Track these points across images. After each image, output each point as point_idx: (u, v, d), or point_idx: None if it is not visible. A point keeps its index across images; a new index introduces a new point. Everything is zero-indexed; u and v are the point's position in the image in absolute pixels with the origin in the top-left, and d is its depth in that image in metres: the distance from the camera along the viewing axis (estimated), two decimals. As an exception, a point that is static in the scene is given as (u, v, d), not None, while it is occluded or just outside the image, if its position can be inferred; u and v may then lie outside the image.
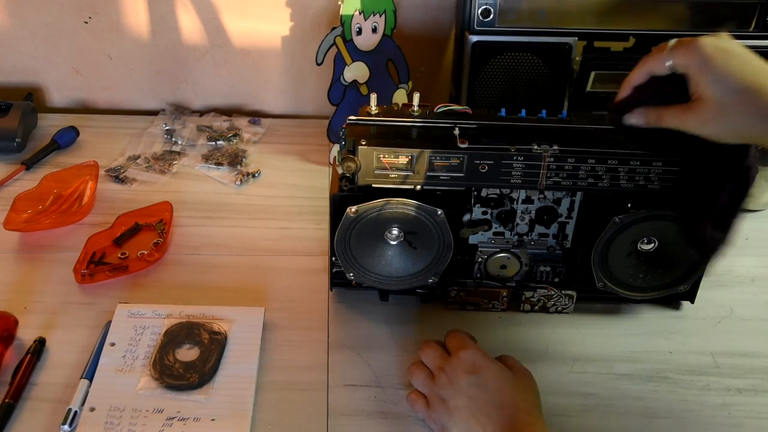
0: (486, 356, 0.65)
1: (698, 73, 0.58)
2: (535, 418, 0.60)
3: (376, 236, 0.72)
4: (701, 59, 0.57)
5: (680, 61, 0.59)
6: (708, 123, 0.58)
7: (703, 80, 0.57)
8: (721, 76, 0.56)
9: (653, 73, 0.61)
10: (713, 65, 0.57)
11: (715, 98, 0.57)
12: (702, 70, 0.57)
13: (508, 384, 0.62)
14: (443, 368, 0.64)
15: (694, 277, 0.75)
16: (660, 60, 0.60)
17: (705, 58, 0.57)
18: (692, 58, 0.58)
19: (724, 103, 0.57)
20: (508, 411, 0.60)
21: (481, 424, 0.60)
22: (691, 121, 0.59)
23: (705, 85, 0.57)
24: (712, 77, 0.57)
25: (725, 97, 0.56)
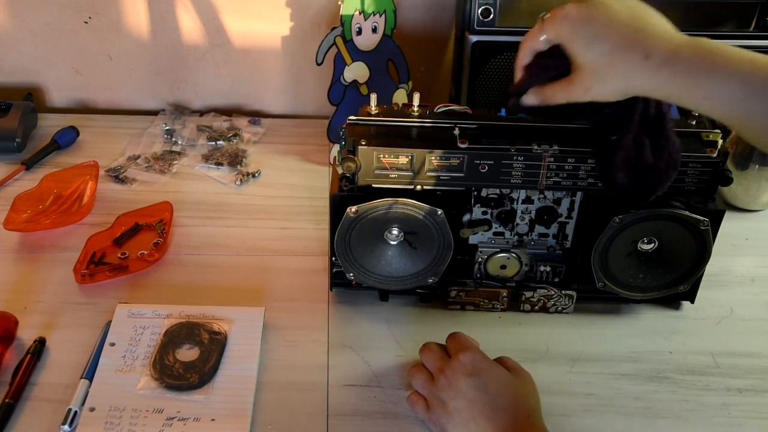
0: (486, 359, 0.65)
1: (569, 42, 0.58)
2: (535, 421, 0.60)
3: (376, 236, 0.72)
4: (569, 28, 0.58)
5: (552, 33, 0.60)
6: (591, 89, 0.59)
7: (575, 48, 0.58)
8: (588, 41, 0.57)
9: (536, 50, 0.62)
10: (580, 32, 0.57)
11: (589, 64, 0.58)
12: (572, 39, 0.58)
13: (508, 387, 0.62)
14: (443, 370, 0.64)
15: (694, 277, 0.75)
16: (536, 36, 0.61)
17: (572, 26, 0.58)
18: (561, 29, 0.59)
19: (598, 66, 0.57)
20: (507, 414, 0.60)
21: (480, 427, 0.60)
22: (576, 91, 0.60)
23: (578, 53, 0.58)
24: (582, 44, 0.58)
25: (598, 60, 0.57)
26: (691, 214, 0.70)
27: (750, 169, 0.92)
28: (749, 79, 0.53)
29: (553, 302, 0.78)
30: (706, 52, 0.55)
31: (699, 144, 0.70)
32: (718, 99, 0.54)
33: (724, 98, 0.54)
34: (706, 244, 0.72)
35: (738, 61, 0.54)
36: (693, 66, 0.54)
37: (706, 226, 0.71)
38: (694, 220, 0.70)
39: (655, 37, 0.56)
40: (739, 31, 0.92)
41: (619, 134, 0.63)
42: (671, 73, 0.55)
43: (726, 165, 0.70)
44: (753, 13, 0.92)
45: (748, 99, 0.53)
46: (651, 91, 0.57)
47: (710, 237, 0.71)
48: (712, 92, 0.54)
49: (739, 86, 0.53)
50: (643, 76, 0.56)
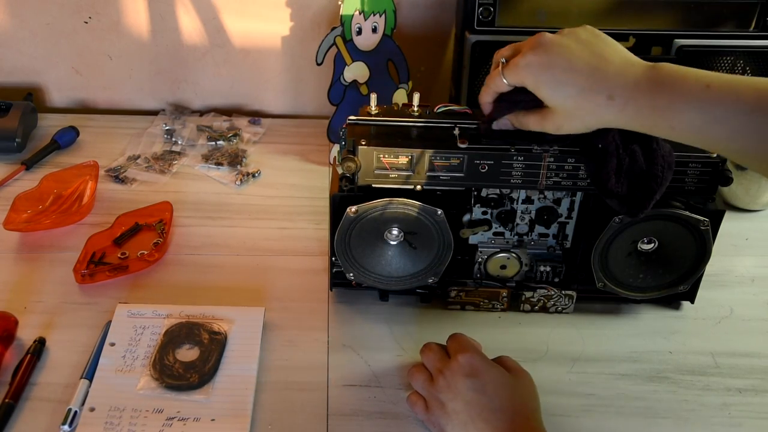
0: (485, 360, 0.65)
1: (534, 89, 0.61)
2: (534, 422, 0.60)
3: (376, 236, 0.72)
4: (531, 76, 0.61)
5: (514, 80, 0.62)
6: (563, 127, 0.62)
7: (540, 93, 0.61)
8: (553, 88, 0.60)
9: (499, 92, 0.65)
10: (542, 79, 0.60)
11: (557, 107, 0.61)
12: (536, 86, 0.61)
13: (507, 388, 0.62)
14: (442, 371, 0.64)
15: (694, 277, 0.75)
16: (499, 81, 0.63)
17: (533, 74, 0.60)
18: (523, 77, 0.61)
19: (566, 108, 0.60)
20: (506, 415, 0.60)
21: (478, 428, 0.60)
22: (549, 126, 0.63)
23: (544, 97, 0.61)
24: (547, 90, 0.60)
25: (564, 103, 0.60)
26: (691, 214, 0.70)
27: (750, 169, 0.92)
28: (705, 107, 0.55)
29: (553, 302, 0.78)
30: (665, 83, 0.56)
31: (699, 144, 0.70)
32: (681, 129, 0.57)
33: (686, 128, 0.56)
34: (706, 244, 0.72)
35: (693, 90, 0.55)
36: (654, 100, 0.57)
37: (706, 226, 0.71)
38: (694, 220, 0.70)
39: (616, 76, 0.58)
40: (739, 31, 0.92)
41: (602, 141, 0.64)
42: (635, 109, 0.57)
43: (726, 165, 0.70)
44: (753, 13, 0.92)
45: (708, 126, 0.55)
46: (620, 125, 0.60)
47: (710, 237, 0.71)
48: (674, 123, 0.56)
49: (696, 115, 0.55)
50: (610, 115, 0.59)
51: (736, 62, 0.91)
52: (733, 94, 0.54)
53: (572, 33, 0.61)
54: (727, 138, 0.55)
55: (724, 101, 0.54)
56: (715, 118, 0.55)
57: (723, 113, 0.54)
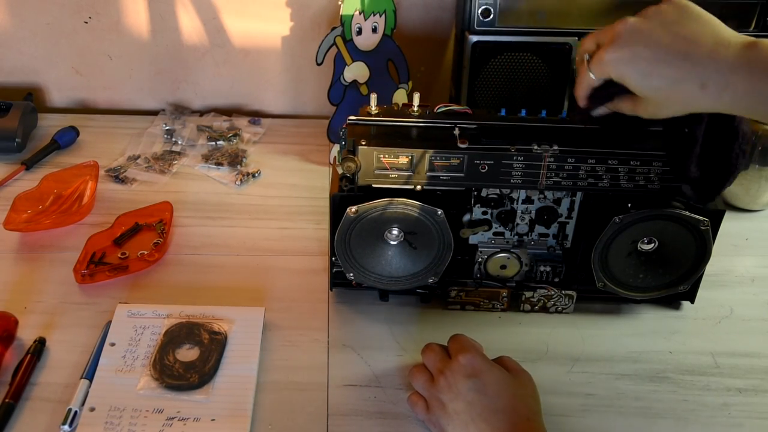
0: (486, 360, 0.65)
1: (623, 80, 0.59)
2: (535, 423, 0.60)
3: (376, 236, 0.72)
4: (616, 71, 0.59)
5: (601, 74, 0.60)
6: (656, 113, 0.60)
7: (630, 85, 0.59)
8: (641, 80, 0.58)
9: (593, 87, 0.63)
10: (629, 72, 0.58)
11: (648, 96, 0.59)
12: (623, 78, 0.59)
13: (508, 388, 0.62)
14: (443, 372, 0.64)
15: (694, 277, 0.75)
16: (587, 78, 0.62)
17: (618, 68, 0.58)
18: (609, 71, 0.59)
19: (657, 98, 0.58)
20: (506, 416, 0.60)
21: (479, 429, 0.59)
22: (642, 112, 0.61)
23: (634, 88, 0.59)
24: (635, 82, 0.58)
25: (655, 94, 0.58)
26: (691, 214, 0.70)
27: (750, 169, 0.92)
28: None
29: (553, 302, 0.78)
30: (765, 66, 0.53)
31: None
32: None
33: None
34: (706, 244, 0.72)
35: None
36: (753, 85, 0.53)
37: (706, 226, 0.71)
38: (694, 220, 0.70)
39: (708, 61, 0.54)
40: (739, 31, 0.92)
41: (692, 126, 0.62)
42: (732, 96, 0.54)
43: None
44: (753, 13, 0.92)
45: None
46: (716, 110, 0.57)
47: (710, 237, 0.71)
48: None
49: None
50: (704, 103, 0.56)
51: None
52: None
53: (657, 13, 0.57)
54: None
55: None
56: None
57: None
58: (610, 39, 0.58)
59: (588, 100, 0.65)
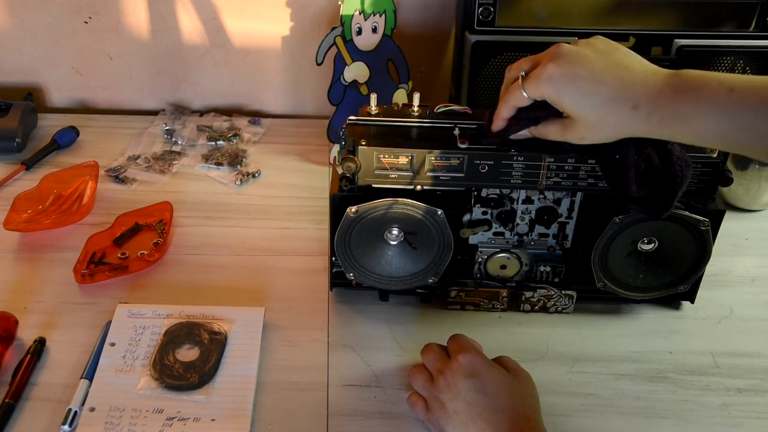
0: (485, 360, 0.65)
1: (557, 102, 0.60)
2: (534, 423, 0.60)
3: (376, 236, 0.72)
4: (553, 89, 0.59)
5: (535, 93, 0.61)
6: (585, 137, 0.61)
7: (563, 105, 0.60)
8: (576, 100, 0.59)
9: (519, 106, 0.63)
10: (565, 92, 0.59)
11: (580, 118, 0.60)
12: (558, 100, 0.60)
13: (507, 388, 0.62)
14: (443, 372, 0.64)
15: (694, 277, 0.75)
16: (519, 96, 0.62)
17: (556, 87, 0.59)
18: (545, 89, 0.60)
19: (590, 120, 0.59)
20: (506, 416, 0.60)
21: (479, 429, 0.60)
22: (571, 137, 0.62)
23: (567, 109, 0.60)
24: (570, 102, 0.59)
25: (588, 115, 0.59)
26: (691, 214, 0.70)
27: (750, 169, 0.92)
28: (730, 113, 0.55)
29: (553, 302, 0.78)
30: (688, 89, 0.56)
31: (699, 144, 0.70)
32: (707, 136, 0.56)
33: (712, 134, 0.56)
34: (706, 244, 0.72)
35: (717, 95, 0.55)
36: (678, 108, 0.56)
37: (706, 226, 0.71)
38: (694, 221, 0.70)
39: (639, 85, 0.57)
40: (739, 31, 0.92)
41: (621, 151, 0.63)
42: (660, 118, 0.57)
43: (726, 165, 0.70)
44: (753, 13, 0.92)
45: (734, 132, 0.55)
46: (644, 134, 0.59)
47: (710, 237, 0.71)
48: (700, 130, 0.56)
49: (722, 121, 0.55)
50: (635, 125, 0.58)
51: (736, 62, 0.91)
52: (757, 97, 0.54)
53: (589, 43, 0.60)
54: (755, 141, 0.55)
55: (749, 105, 0.54)
56: (741, 124, 0.54)
57: (747, 117, 0.54)
58: (549, 59, 0.60)
59: (509, 122, 0.65)
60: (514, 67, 0.64)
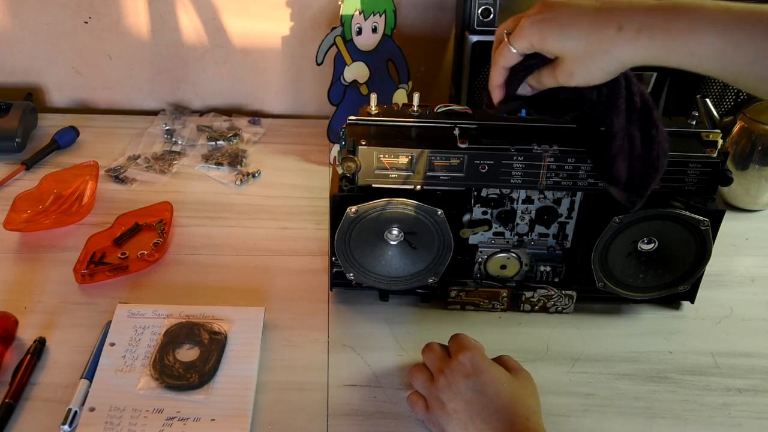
0: (485, 359, 0.65)
1: (543, 44, 0.59)
2: (534, 423, 0.60)
3: (376, 236, 0.72)
4: (537, 32, 0.59)
5: (522, 44, 0.60)
6: (574, 74, 0.59)
7: (550, 46, 0.59)
8: (560, 35, 0.58)
9: (510, 66, 0.63)
10: (549, 30, 0.58)
11: (567, 53, 0.59)
12: (543, 40, 0.59)
13: (507, 388, 0.62)
14: (443, 371, 0.64)
15: (694, 277, 0.75)
16: (508, 53, 0.61)
17: (539, 29, 0.59)
18: (530, 36, 0.59)
19: (577, 52, 0.58)
20: (506, 415, 0.60)
21: (478, 428, 0.60)
22: (561, 77, 0.60)
23: (554, 49, 0.59)
24: (555, 40, 0.58)
25: (574, 47, 0.58)
26: (691, 214, 0.70)
27: (750, 169, 0.92)
28: (726, 30, 0.53)
29: (553, 302, 0.78)
30: (680, 9, 0.54)
31: (699, 144, 0.70)
32: (700, 54, 0.54)
33: (707, 53, 0.54)
34: (706, 244, 0.72)
35: (714, 13, 0.53)
36: (669, 26, 0.54)
37: (706, 226, 0.71)
38: (694, 220, 0.70)
39: (624, 9, 0.56)
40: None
41: (608, 123, 0.63)
42: (648, 37, 0.55)
43: (726, 165, 0.70)
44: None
45: (729, 51, 0.53)
46: (634, 60, 0.57)
47: (710, 237, 0.71)
48: (694, 48, 0.54)
49: (717, 39, 0.53)
50: (622, 48, 0.56)
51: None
52: (755, 14, 0.52)
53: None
54: (749, 63, 0.53)
55: (746, 23, 0.52)
56: (737, 41, 0.52)
57: (744, 36, 0.52)
58: (531, 11, 0.60)
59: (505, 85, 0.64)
60: (501, 27, 0.63)
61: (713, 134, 0.71)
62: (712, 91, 0.98)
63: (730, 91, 0.94)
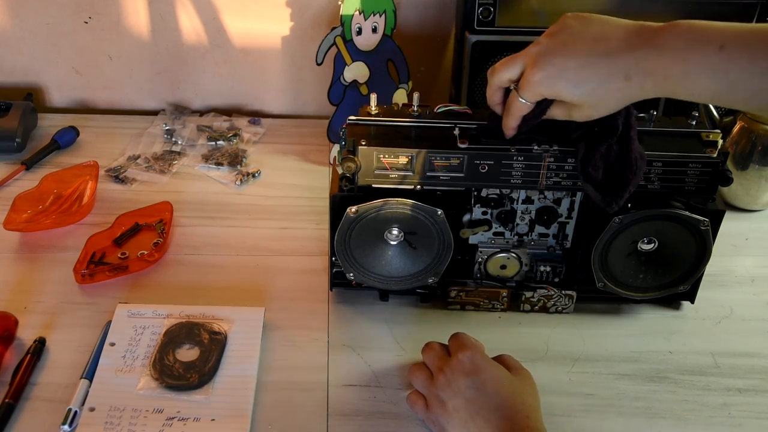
0: (485, 358, 0.65)
1: (557, 96, 0.62)
2: (534, 422, 0.60)
3: (377, 236, 0.72)
4: (547, 87, 0.61)
5: (533, 97, 0.63)
6: (592, 114, 0.62)
7: (565, 98, 0.61)
8: (571, 89, 0.60)
9: (524, 114, 0.65)
10: (559, 85, 0.60)
11: (583, 103, 0.61)
12: (557, 95, 0.61)
13: (507, 386, 0.62)
14: (443, 369, 0.64)
15: (694, 277, 0.75)
16: (520, 105, 0.64)
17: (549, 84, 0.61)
18: (540, 90, 0.61)
19: (589, 101, 0.61)
20: (506, 413, 0.60)
21: (478, 426, 0.60)
22: (578, 116, 0.63)
23: (569, 100, 0.61)
24: (568, 95, 0.61)
25: (586, 97, 0.60)
26: (691, 214, 0.70)
27: (750, 169, 0.92)
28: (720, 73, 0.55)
29: (553, 302, 0.78)
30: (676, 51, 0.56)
31: (699, 144, 0.70)
32: (701, 94, 0.57)
33: (705, 92, 0.56)
34: (706, 244, 0.72)
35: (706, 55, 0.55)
36: (668, 72, 0.56)
37: (706, 226, 0.71)
38: (694, 221, 0.70)
39: (624, 53, 0.58)
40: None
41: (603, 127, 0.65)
42: (653, 84, 0.58)
43: (726, 165, 0.70)
44: (753, 13, 0.92)
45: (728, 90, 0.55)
46: (641, 98, 0.60)
47: (710, 237, 0.71)
48: (693, 89, 0.56)
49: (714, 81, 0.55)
50: (633, 94, 0.59)
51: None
52: (747, 54, 0.54)
53: (561, 28, 0.61)
54: (748, 98, 0.55)
55: (740, 64, 0.54)
56: (734, 82, 0.54)
57: (740, 77, 0.54)
58: (532, 62, 0.61)
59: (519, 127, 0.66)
60: (497, 72, 0.64)
61: (713, 134, 0.71)
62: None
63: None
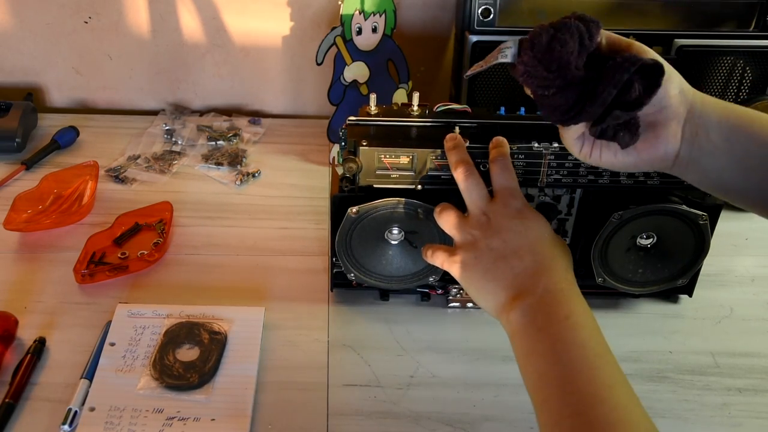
0: (532, 209, 0.63)
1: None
2: (572, 278, 0.59)
3: (377, 236, 0.72)
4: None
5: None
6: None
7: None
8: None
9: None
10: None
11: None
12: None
13: (550, 239, 0.61)
14: (485, 211, 0.62)
15: (692, 271, 0.75)
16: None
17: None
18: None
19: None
20: (542, 259, 0.58)
21: (510, 265, 0.58)
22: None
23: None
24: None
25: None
26: (689, 209, 0.70)
27: (750, 168, 0.92)
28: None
29: (553, 302, 0.78)
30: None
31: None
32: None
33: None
34: (704, 238, 0.72)
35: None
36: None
37: (705, 220, 0.71)
38: (693, 215, 0.70)
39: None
40: (739, 31, 0.92)
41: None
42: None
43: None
44: (753, 13, 0.92)
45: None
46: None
47: (708, 231, 0.71)
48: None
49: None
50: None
51: (736, 62, 0.91)
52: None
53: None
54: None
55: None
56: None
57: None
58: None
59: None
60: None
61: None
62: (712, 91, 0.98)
63: (730, 91, 0.94)
